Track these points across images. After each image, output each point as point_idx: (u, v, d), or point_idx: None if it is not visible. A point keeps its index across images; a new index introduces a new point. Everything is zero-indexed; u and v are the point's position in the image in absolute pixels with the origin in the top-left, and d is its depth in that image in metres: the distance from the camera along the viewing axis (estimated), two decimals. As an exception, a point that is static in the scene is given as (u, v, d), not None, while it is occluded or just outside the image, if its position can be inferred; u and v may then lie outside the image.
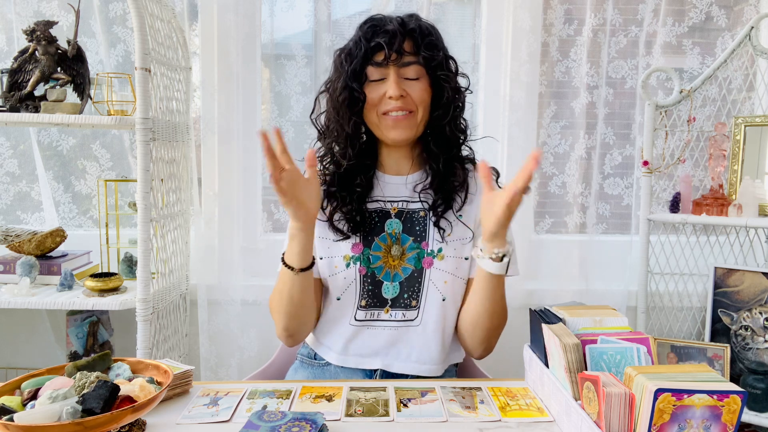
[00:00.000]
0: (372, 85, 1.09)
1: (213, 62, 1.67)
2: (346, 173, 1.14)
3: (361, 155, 1.14)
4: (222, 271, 1.70)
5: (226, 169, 1.70)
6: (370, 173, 1.16)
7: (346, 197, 1.12)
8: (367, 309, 1.12)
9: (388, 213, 1.15)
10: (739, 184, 1.53)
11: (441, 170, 1.13)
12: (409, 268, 1.12)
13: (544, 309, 0.93)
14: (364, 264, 1.12)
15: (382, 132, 1.11)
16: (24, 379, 0.78)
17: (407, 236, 1.13)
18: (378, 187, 1.16)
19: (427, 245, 1.12)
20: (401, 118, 1.08)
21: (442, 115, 1.11)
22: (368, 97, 1.09)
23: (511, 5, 1.66)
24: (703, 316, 1.63)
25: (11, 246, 1.53)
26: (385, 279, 1.12)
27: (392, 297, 1.12)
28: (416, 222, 1.14)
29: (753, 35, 1.54)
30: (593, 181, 1.73)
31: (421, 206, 1.14)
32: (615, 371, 0.79)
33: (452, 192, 1.13)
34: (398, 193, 1.16)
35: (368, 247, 1.13)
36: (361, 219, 1.12)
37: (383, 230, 1.14)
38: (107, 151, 1.77)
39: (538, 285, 1.74)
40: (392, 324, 1.12)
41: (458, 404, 0.92)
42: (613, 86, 1.76)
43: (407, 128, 1.09)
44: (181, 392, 0.95)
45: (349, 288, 1.13)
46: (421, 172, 1.17)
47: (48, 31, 1.42)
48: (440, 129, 1.12)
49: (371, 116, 1.11)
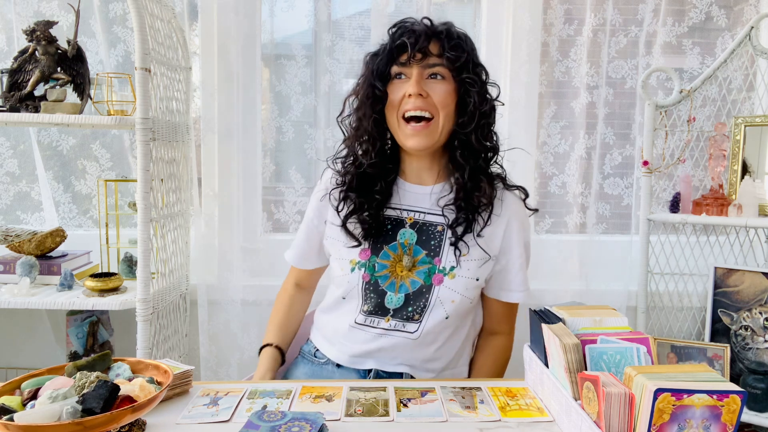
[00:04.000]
0: (395, 84, 1.08)
1: (213, 62, 1.67)
2: (367, 178, 1.13)
3: (383, 159, 1.13)
4: (222, 271, 1.70)
5: (226, 169, 1.70)
6: (390, 179, 1.15)
7: (364, 203, 1.11)
8: (368, 315, 1.12)
9: (402, 222, 1.13)
10: (739, 184, 1.53)
11: (466, 183, 1.09)
12: (418, 282, 1.10)
13: (544, 309, 0.93)
14: (368, 271, 1.11)
15: (401, 139, 1.09)
16: (24, 379, 0.78)
17: (420, 249, 1.11)
18: (397, 194, 1.15)
19: (440, 262, 1.10)
20: (420, 128, 1.06)
21: (467, 122, 1.08)
22: (390, 97, 1.08)
23: (511, 5, 1.66)
24: (703, 316, 1.63)
25: (11, 246, 1.53)
26: (389, 289, 1.10)
27: (395, 308, 1.10)
28: (432, 236, 1.12)
29: (753, 35, 1.54)
30: (593, 181, 1.73)
31: (440, 221, 1.12)
32: (615, 371, 0.79)
33: (476, 211, 1.09)
34: (417, 203, 1.14)
35: (376, 254, 1.11)
36: (375, 225, 1.11)
37: (395, 239, 1.12)
38: (107, 151, 1.77)
39: (538, 285, 1.74)
40: (389, 333, 1.11)
41: (458, 404, 0.92)
42: (613, 86, 1.76)
43: (426, 137, 1.07)
44: (181, 392, 0.95)
45: (353, 291, 1.12)
46: (444, 184, 1.14)
47: (48, 31, 1.42)
48: (466, 139, 1.09)
49: (392, 119, 1.09)
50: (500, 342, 1.23)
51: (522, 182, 1.22)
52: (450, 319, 1.11)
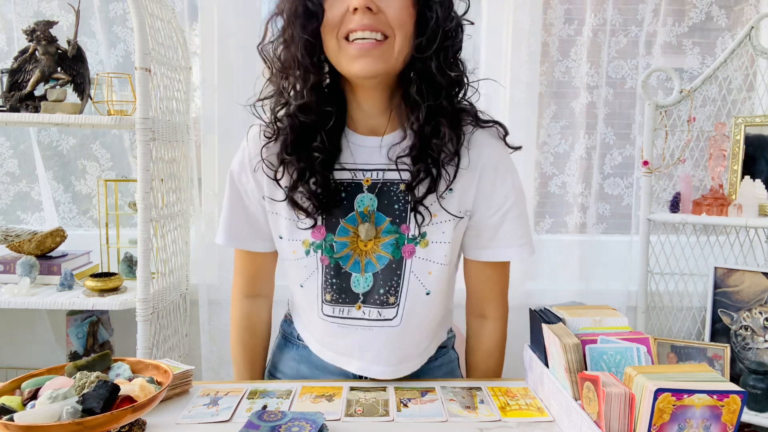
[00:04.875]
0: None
1: (213, 62, 1.67)
2: (304, 130, 0.87)
3: (321, 101, 0.86)
4: (222, 270, 1.70)
5: (226, 169, 1.69)
6: (333, 127, 0.88)
7: (305, 168, 0.87)
8: (334, 304, 0.94)
9: (359, 185, 0.91)
10: (739, 184, 1.53)
11: (423, 127, 0.85)
12: (386, 257, 0.91)
13: (544, 309, 0.93)
14: (326, 253, 0.91)
15: (343, 64, 0.83)
16: (24, 379, 0.78)
17: (383, 216, 0.91)
18: (348, 150, 0.91)
19: (408, 229, 0.91)
20: (369, 45, 0.80)
21: (425, 45, 0.83)
22: (327, 13, 0.82)
23: (511, 5, 1.66)
24: (703, 316, 1.63)
25: (11, 246, 1.53)
26: (353, 270, 0.92)
27: (364, 291, 0.93)
28: (396, 198, 0.91)
29: (753, 35, 1.54)
30: (593, 181, 1.73)
31: (400, 178, 0.90)
32: (615, 371, 0.79)
33: (438, 164, 0.87)
34: (373, 158, 0.91)
35: (332, 231, 0.91)
36: (325, 193, 0.88)
37: (352, 208, 0.91)
38: (107, 151, 1.77)
39: (538, 285, 1.74)
40: (366, 324, 0.94)
41: (458, 404, 0.92)
42: (613, 86, 1.76)
43: (377, 58, 0.81)
44: (181, 392, 0.95)
45: (311, 277, 0.94)
46: (399, 131, 0.90)
47: (48, 31, 1.42)
48: (424, 67, 0.84)
49: (331, 43, 0.83)
50: (492, 332, 1.05)
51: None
52: (433, 295, 0.94)
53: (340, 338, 0.96)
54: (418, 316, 0.95)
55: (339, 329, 0.95)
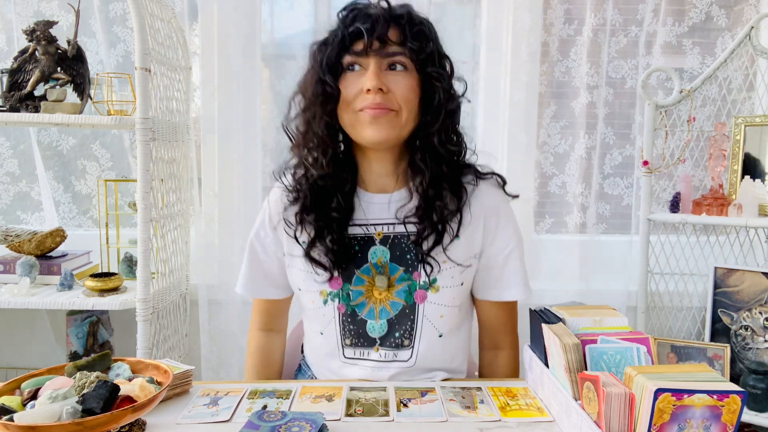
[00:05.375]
0: (349, 78, 0.92)
1: (213, 62, 1.67)
2: (322, 193, 0.97)
3: (338, 167, 0.97)
4: (222, 270, 1.70)
5: (226, 169, 1.70)
6: (347, 189, 0.99)
7: (323, 227, 0.96)
8: (354, 347, 1.02)
9: (371, 239, 0.99)
10: (739, 184, 1.53)
11: (427, 191, 0.95)
12: (399, 303, 0.99)
13: (544, 309, 0.93)
14: (343, 301, 1.00)
15: (358, 131, 0.93)
16: (24, 379, 0.78)
17: (396, 266, 0.99)
18: (360, 208, 1.00)
19: (419, 276, 0.98)
20: (381, 113, 0.90)
21: (430, 122, 0.94)
22: (343, 93, 0.92)
23: (511, 5, 1.66)
24: (703, 316, 1.63)
25: (11, 246, 1.53)
26: (369, 317, 1.00)
27: (380, 336, 1.01)
28: (406, 249, 0.99)
29: (753, 35, 1.54)
30: (593, 181, 1.73)
31: (409, 230, 0.98)
32: (615, 371, 0.79)
33: (441, 221, 0.96)
34: (383, 214, 1.00)
35: (348, 282, 0.99)
36: (341, 249, 0.97)
37: (366, 260, 0.99)
38: (107, 151, 1.77)
39: (538, 285, 1.74)
40: (384, 364, 1.01)
41: (458, 404, 0.92)
42: (613, 86, 1.76)
43: (388, 126, 0.91)
44: (181, 392, 0.95)
45: (330, 325, 1.02)
46: (406, 189, 0.99)
47: (48, 31, 1.42)
48: (428, 140, 0.95)
49: (346, 116, 0.93)
50: (505, 360, 1.11)
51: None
52: (445, 336, 1.02)
53: (356, 371, 1.03)
54: (432, 356, 1.02)
55: (361, 371, 1.03)
